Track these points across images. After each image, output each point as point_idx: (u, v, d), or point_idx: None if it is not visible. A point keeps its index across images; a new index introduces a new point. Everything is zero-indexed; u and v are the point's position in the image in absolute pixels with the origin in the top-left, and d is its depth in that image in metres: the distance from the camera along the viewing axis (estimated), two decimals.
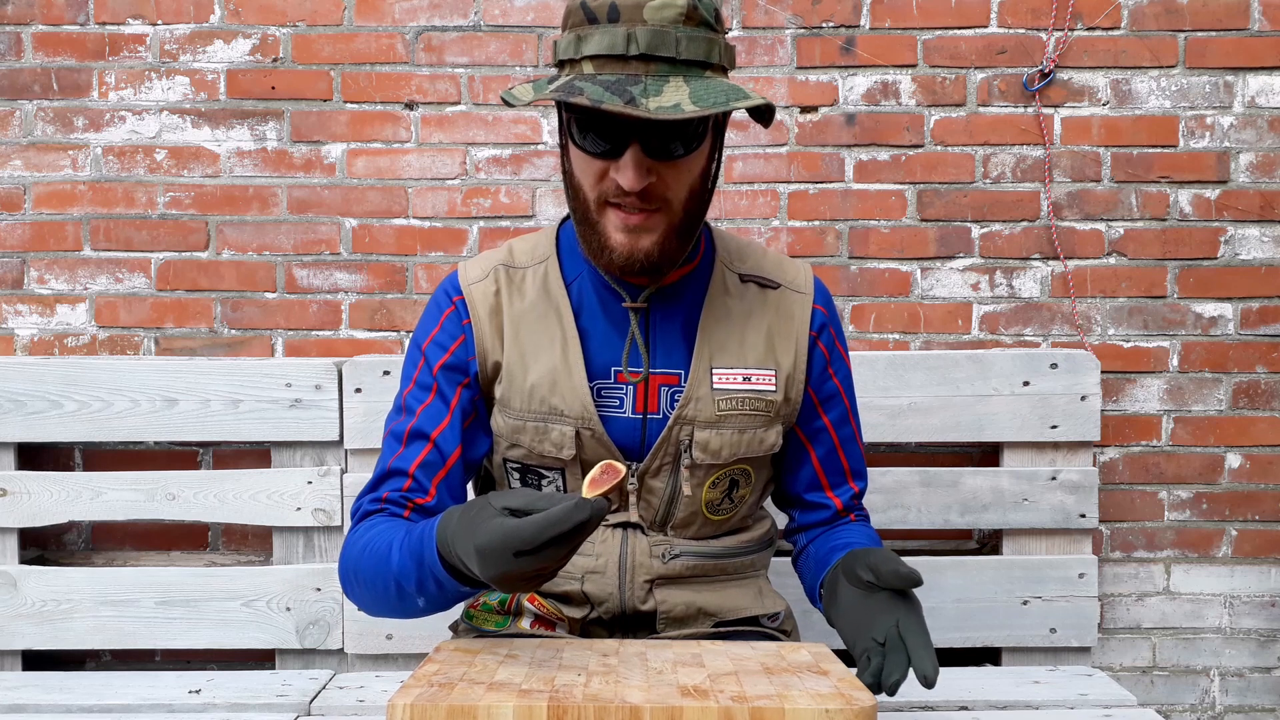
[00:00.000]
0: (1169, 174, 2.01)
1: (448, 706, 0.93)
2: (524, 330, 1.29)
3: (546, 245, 1.34)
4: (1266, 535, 2.04)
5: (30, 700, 1.65)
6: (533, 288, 1.31)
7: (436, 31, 2.00)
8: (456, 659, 1.09)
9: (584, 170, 1.19)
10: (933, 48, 2.00)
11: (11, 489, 1.87)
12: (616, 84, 1.08)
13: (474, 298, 1.31)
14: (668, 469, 1.29)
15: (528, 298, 1.31)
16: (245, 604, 1.87)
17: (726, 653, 1.15)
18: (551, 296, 1.30)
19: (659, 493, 1.30)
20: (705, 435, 1.28)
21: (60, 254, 2.01)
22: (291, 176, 2.01)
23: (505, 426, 1.30)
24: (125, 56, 1.99)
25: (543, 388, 1.27)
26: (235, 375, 1.88)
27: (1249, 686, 2.06)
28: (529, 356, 1.28)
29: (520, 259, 1.34)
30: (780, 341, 1.32)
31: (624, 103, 1.06)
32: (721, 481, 1.31)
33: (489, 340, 1.30)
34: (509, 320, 1.30)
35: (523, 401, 1.28)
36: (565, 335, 1.28)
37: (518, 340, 1.29)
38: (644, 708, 0.93)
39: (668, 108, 1.06)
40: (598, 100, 1.06)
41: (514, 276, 1.32)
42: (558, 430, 1.27)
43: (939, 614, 1.91)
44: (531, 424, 1.28)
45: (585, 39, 1.11)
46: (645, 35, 1.09)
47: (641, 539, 1.31)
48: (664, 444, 1.28)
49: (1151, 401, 2.03)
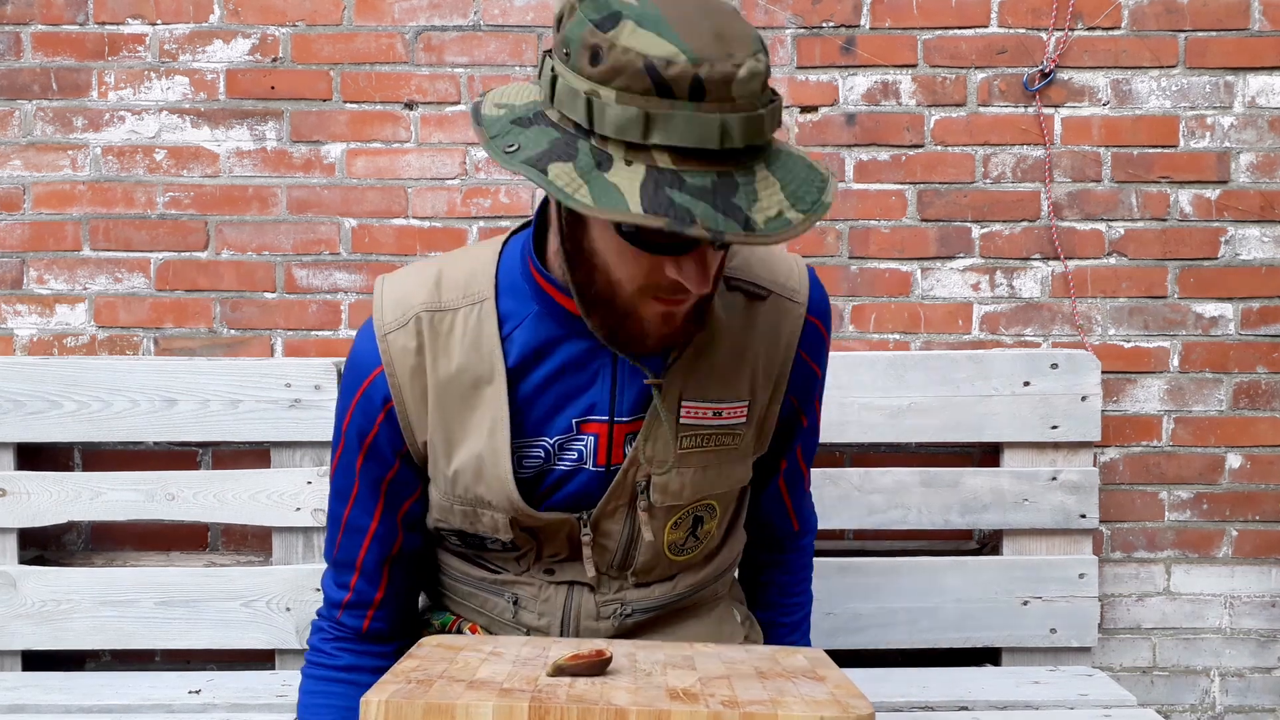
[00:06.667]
0: (1169, 174, 2.01)
1: (424, 704, 0.88)
2: (447, 403, 1.11)
3: (484, 280, 1.12)
4: (1267, 535, 2.04)
5: (30, 700, 1.65)
6: (461, 344, 1.10)
7: (436, 31, 1.99)
8: (438, 655, 1.04)
9: (623, 259, 0.98)
10: (933, 48, 2.00)
11: (11, 489, 1.87)
12: (720, 198, 0.87)
13: (393, 360, 1.10)
14: (623, 510, 1.15)
15: (454, 359, 1.10)
16: (245, 604, 1.87)
17: (719, 655, 1.10)
18: (484, 355, 1.10)
19: (615, 535, 1.16)
20: (664, 478, 1.12)
21: (59, 254, 2.00)
22: (291, 176, 2.01)
23: (435, 504, 1.17)
24: (124, 56, 1.99)
25: (466, 474, 1.11)
26: (235, 375, 1.88)
27: (1249, 687, 2.06)
28: (453, 435, 1.11)
29: (449, 295, 1.12)
30: (762, 365, 1.16)
31: (743, 229, 0.86)
32: (684, 521, 1.17)
33: (414, 414, 1.12)
34: (432, 388, 1.11)
35: (446, 486, 1.13)
36: (495, 413, 1.10)
37: (441, 414, 1.11)
38: (630, 710, 0.88)
39: (775, 220, 0.88)
40: (717, 229, 0.85)
41: (439, 326, 1.10)
42: (488, 516, 1.13)
43: (939, 614, 1.91)
44: (459, 508, 1.14)
45: (659, 121, 0.87)
46: (740, 126, 0.88)
47: (589, 599, 1.18)
48: (618, 489, 1.13)
49: (1152, 402, 2.02)
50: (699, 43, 0.87)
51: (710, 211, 0.86)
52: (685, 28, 0.88)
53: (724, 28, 0.90)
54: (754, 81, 0.88)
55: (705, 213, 0.86)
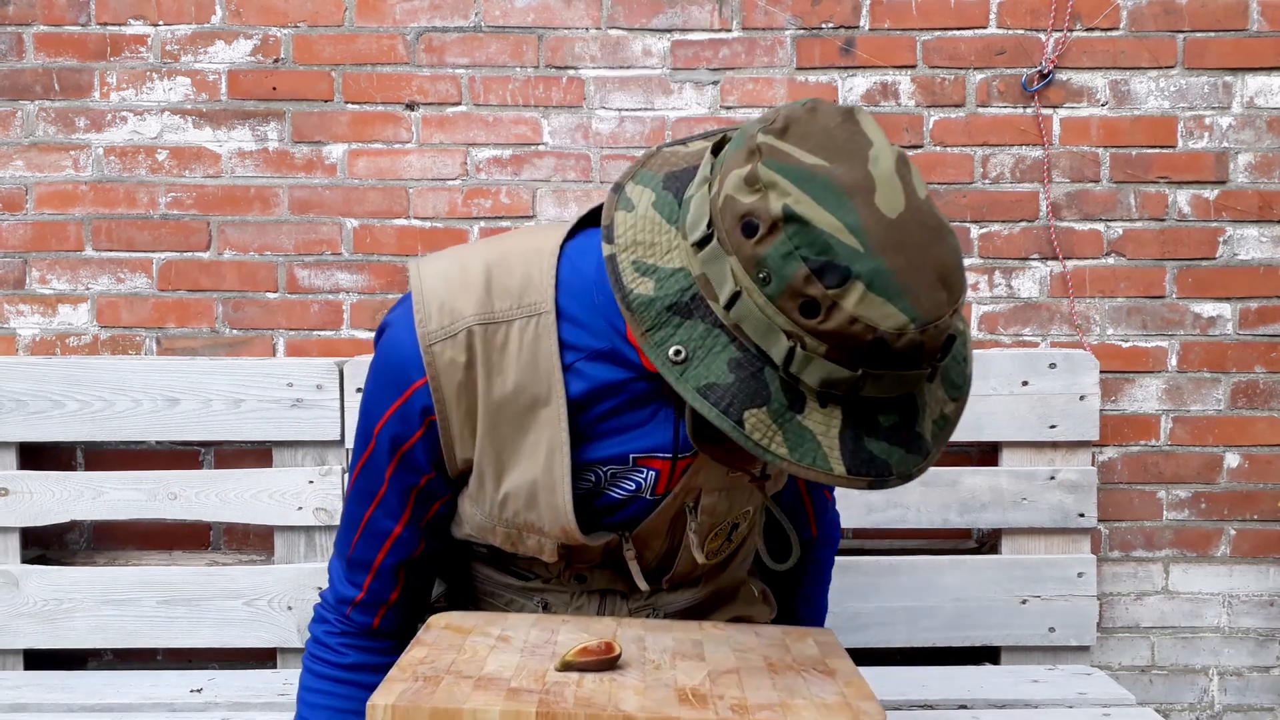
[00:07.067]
0: (1168, 174, 2.02)
1: (431, 709, 0.87)
2: (501, 424, 1.03)
3: (542, 287, 1.01)
4: (1265, 535, 2.05)
5: (32, 699, 1.65)
6: (516, 361, 1.01)
7: (437, 32, 2.00)
8: (446, 640, 1.03)
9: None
10: (932, 48, 2.01)
11: (13, 489, 1.87)
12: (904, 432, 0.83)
13: (439, 374, 1.02)
14: (666, 526, 1.13)
15: (510, 378, 1.01)
16: (247, 603, 1.87)
17: (729, 641, 1.08)
18: (541, 375, 1.01)
19: (656, 549, 1.14)
20: (712, 500, 1.10)
21: (62, 254, 2.01)
22: (293, 177, 2.01)
23: (473, 520, 1.11)
24: (127, 57, 2.00)
25: (518, 499, 1.05)
26: (237, 375, 1.88)
27: (1247, 686, 2.06)
28: (505, 457, 1.04)
29: (502, 304, 1.02)
30: None
31: (924, 458, 0.85)
32: (723, 531, 1.17)
33: (458, 431, 1.05)
34: (483, 408, 1.02)
35: (493, 509, 1.07)
36: (552, 439, 1.02)
37: (493, 436, 1.03)
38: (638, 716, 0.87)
39: (938, 421, 0.86)
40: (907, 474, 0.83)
41: (492, 340, 1.01)
42: (535, 540, 1.08)
43: (938, 613, 1.91)
44: (502, 530, 1.09)
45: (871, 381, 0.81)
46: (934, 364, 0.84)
47: (621, 606, 1.17)
48: (666, 509, 1.11)
49: (1150, 401, 2.03)
50: (928, 303, 0.80)
51: (904, 457, 0.83)
52: (915, 279, 0.79)
53: (942, 261, 0.81)
54: (941, 334, 0.82)
55: (900, 461, 0.82)
